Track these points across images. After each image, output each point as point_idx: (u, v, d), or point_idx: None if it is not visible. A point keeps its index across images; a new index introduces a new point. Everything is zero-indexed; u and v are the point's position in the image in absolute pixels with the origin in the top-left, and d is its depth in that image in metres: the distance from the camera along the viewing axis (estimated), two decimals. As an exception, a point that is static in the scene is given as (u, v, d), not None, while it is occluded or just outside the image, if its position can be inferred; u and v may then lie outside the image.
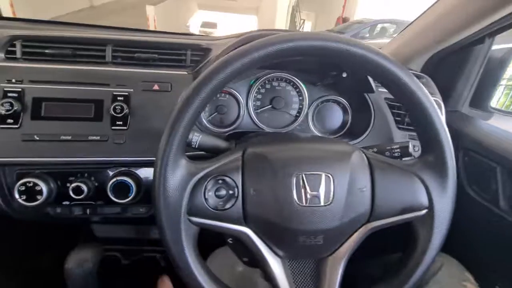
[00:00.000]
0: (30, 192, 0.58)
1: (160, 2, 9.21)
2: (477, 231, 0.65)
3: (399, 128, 0.69)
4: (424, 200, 0.44)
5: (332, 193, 0.41)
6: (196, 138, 0.50)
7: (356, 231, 0.45)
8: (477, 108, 0.80)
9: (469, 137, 0.66)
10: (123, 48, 0.64)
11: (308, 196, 0.41)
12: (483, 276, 0.58)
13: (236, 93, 0.75)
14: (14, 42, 0.60)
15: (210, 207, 0.41)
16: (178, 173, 0.39)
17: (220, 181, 0.41)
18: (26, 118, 0.57)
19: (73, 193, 0.60)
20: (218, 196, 0.41)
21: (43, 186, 0.58)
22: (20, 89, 0.57)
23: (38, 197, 0.58)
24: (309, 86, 0.78)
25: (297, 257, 0.45)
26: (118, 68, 0.62)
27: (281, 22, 8.17)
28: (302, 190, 0.41)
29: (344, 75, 0.62)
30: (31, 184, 0.57)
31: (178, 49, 0.66)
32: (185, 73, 0.65)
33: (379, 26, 7.24)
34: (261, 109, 0.78)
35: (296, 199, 0.41)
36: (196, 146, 0.50)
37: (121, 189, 0.61)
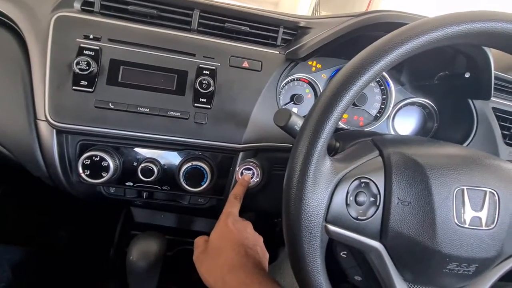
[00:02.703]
0: (96, 168, 0.50)
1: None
2: None
3: (507, 143, 0.61)
4: None
5: (496, 215, 0.34)
6: None
7: (503, 261, 0.37)
8: None
9: None
10: (211, 16, 0.56)
11: (470, 216, 0.33)
12: None
13: (316, 83, 0.67)
14: (94, -7, 0.52)
15: (351, 215, 0.33)
16: (322, 173, 0.32)
17: (362, 184, 0.34)
18: (101, 82, 0.49)
19: (142, 174, 0.52)
20: (358, 203, 0.34)
21: (110, 162, 0.50)
22: (97, 48, 0.49)
23: (104, 174, 0.50)
24: (396, 85, 0.70)
25: (429, 285, 0.38)
26: (204, 37, 0.54)
27: (302, 20, 8.03)
28: (462, 208, 0.33)
29: (467, 75, 0.53)
30: (97, 159, 0.50)
31: (272, 24, 0.58)
32: (277, 52, 0.57)
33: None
34: (341, 104, 0.70)
35: (456, 218, 0.33)
36: None
37: (194, 176, 0.54)
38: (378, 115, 0.72)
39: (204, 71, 0.52)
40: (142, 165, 0.52)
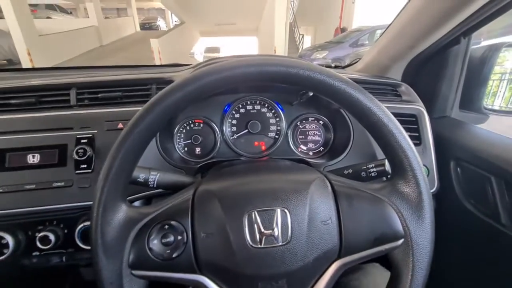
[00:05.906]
0: (-4, 246, 0.56)
1: (163, 35, 9.68)
2: (477, 248, 0.58)
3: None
4: (399, 228, 0.39)
5: (289, 230, 0.37)
6: (153, 177, 0.47)
7: (326, 269, 0.39)
8: (469, 110, 0.74)
9: (458, 145, 0.60)
10: (87, 90, 0.64)
11: (263, 236, 0.37)
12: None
13: (210, 121, 0.73)
14: (-22, 95, 0.61)
15: (155, 257, 0.37)
16: (116, 222, 0.36)
17: (166, 227, 0.38)
18: (-10, 171, 0.57)
19: (40, 243, 0.57)
20: (165, 244, 0.37)
21: (8, 239, 0.56)
22: (-17, 143, 0.57)
23: (5, 250, 0.56)
24: (286, 106, 0.75)
25: None
26: (82, 110, 0.62)
27: (280, 40, 8.35)
28: (256, 230, 0.37)
29: (311, 93, 0.58)
30: (-4, 238, 0.56)
31: (143, 84, 0.65)
32: (150, 108, 0.64)
33: (378, 31, 7.27)
34: (237, 135, 0.75)
35: (250, 240, 0.36)
36: (155, 186, 0.47)
37: (88, 235, 0.59)
38: (277, 137, 0.76)
39: (82, 140, 0.59)
40: (40, 235, 0.58)
